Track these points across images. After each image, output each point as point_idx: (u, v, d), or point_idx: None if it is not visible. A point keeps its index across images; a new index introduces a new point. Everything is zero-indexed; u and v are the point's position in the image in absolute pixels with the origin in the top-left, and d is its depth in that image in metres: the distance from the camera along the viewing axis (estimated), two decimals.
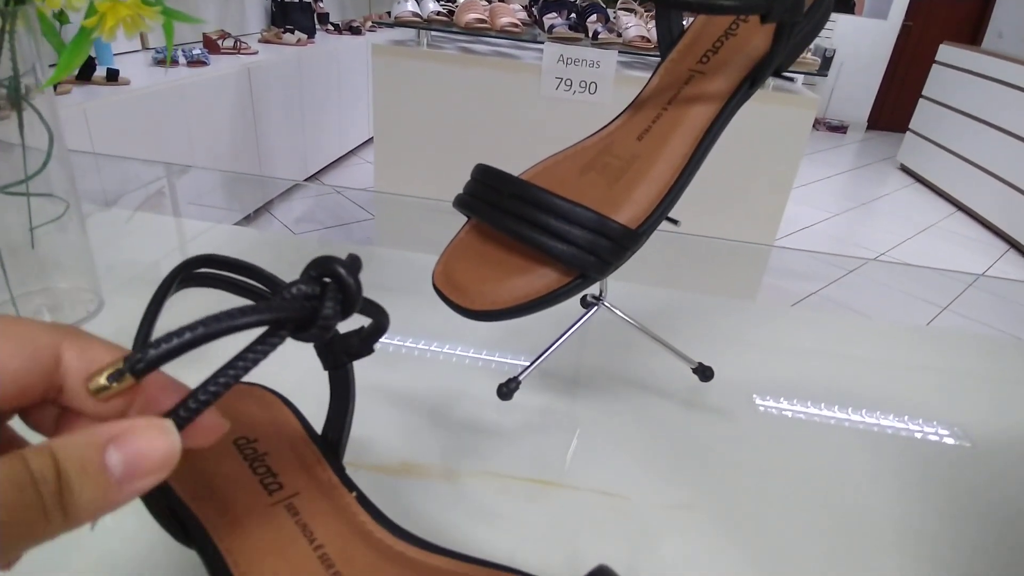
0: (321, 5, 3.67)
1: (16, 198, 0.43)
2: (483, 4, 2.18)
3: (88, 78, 1.99)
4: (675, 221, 0.39)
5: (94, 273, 0.50)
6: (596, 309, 0.45)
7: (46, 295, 0.47)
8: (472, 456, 0.40)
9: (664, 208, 0.36)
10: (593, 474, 0.39)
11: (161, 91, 2.10)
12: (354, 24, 3.66)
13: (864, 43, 4.87)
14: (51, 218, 0.45)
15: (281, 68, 2.78)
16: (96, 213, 0.69)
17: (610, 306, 0.45)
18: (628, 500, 0.38)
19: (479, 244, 0.37)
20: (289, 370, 0.31)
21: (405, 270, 0.63)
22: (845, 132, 5.10)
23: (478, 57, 2.07)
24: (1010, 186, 3.18)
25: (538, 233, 0.34)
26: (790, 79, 2.09)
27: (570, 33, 2.08)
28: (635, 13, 2.26)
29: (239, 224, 0.94)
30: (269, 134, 2.71)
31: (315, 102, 3.05)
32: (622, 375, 0.49)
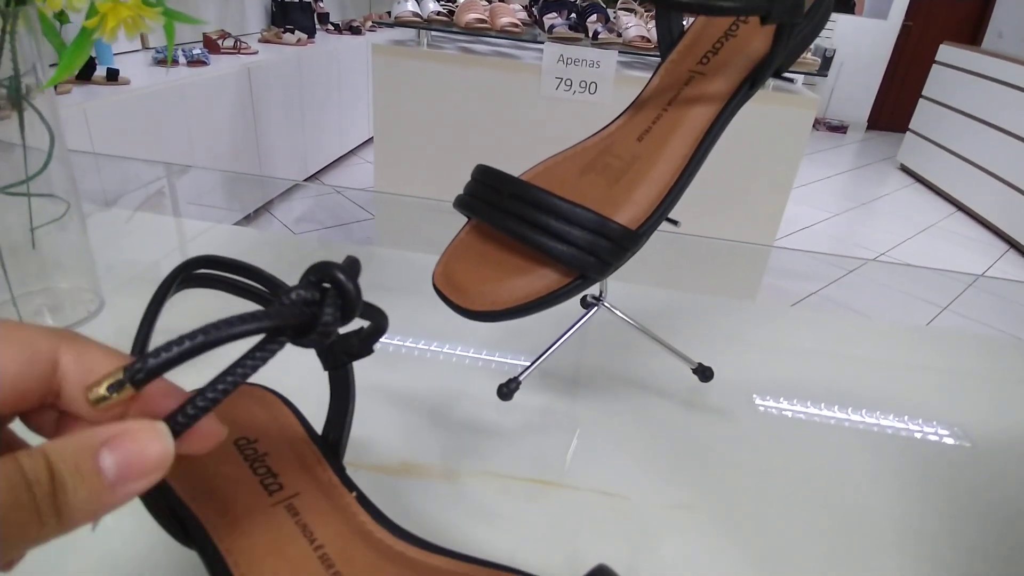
0: (321, 5, 3.67)
1: (16, 198, 0.43)
2: (483, 4, 2.18)
3: (88, 78, 1.99)
4: (675, 222, 0.39)
5: (94, 273, 0.50)
6: (596, 309, 0.45)
7: (47, 295, 0.47)
8: (472, 456, 0.40)
9: (664, 209, 0.36)
10: (593, 474, 0.39)
11: (161, 91, 2.10)
12: (354, 24, 3.66)
13: (864, 43, 4.87)
14: (52, 218, 0.45)
15: (281, 68, 2.78)
16: (96, 213, 0.69)
17: (610, 306, 0.45)
18: (628, 500, 0.38)
19: (479, 244, 0.37)
20: (289, 370, 0.31)
21: (405, 270, 0.63)
22: (845, 132, 5.10)
23: (478, 57, 2.07)
24: (1010, 186, 3.18)
25: (538, 234, 0.34)
26: (790, 80, 2.09)
27: (570, 33, 2.08)
28: (635, 13, 2.26)
29: (239, 224, 0.94)
30: (269, 134, 2.71)
31: (315, 102, 3.05)
32: (622, 375, 0.49)
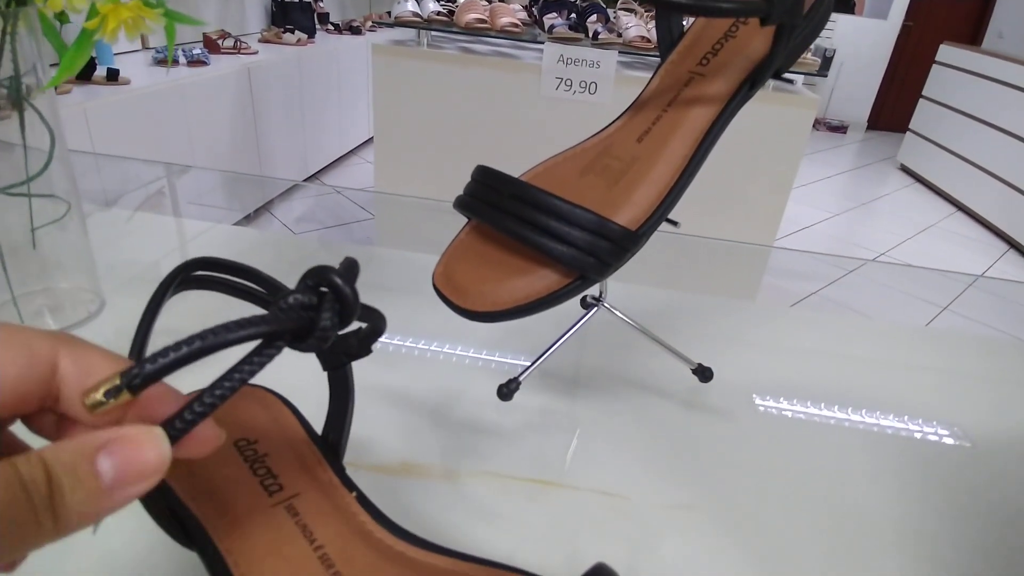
0: (321, 5, 3.67)
1: (17, 198, 0.43)
2: (483, 4, 2.18)
3: (88, 78, 1.99)
4: (675, 223, 0.39)
5: (95, 273, 0.50)
6: (596, 310, 0.45)
7: (47, 295, 0.47)
8: (472, 456, 0.40)
9: (664, 210, 0.36)
10: (593, 474, 0.39)
11: (161, 91, 2.10)
12: (354, 24, 3.66)
13: (864, 43, 4.87)
14: (52, 218, 0.45)
15: (281, 68, 2.78)
16: (96, 213, 0.69)
17: (610, 307, 0.45)
18: (628, 500, 0.38)
19: (479, 245, 0.37)
20: (289, 371, 0.31)
21: (405, 270, 0.63)
22: (845, 132, 5.10)
23: (478, 57, 2.07)
24: (1010, 186, 3.18)
25: (538, 234, 0.34)
26: (790, 81, 2.09)
27: (570, 33, 2.08)
28: (635, 13, 2.26)
29: (239, 224, 0.94)
30: (269, 134, 2.71)
31: (315, 102, 3.05)
32: (622, 375, 0.49)
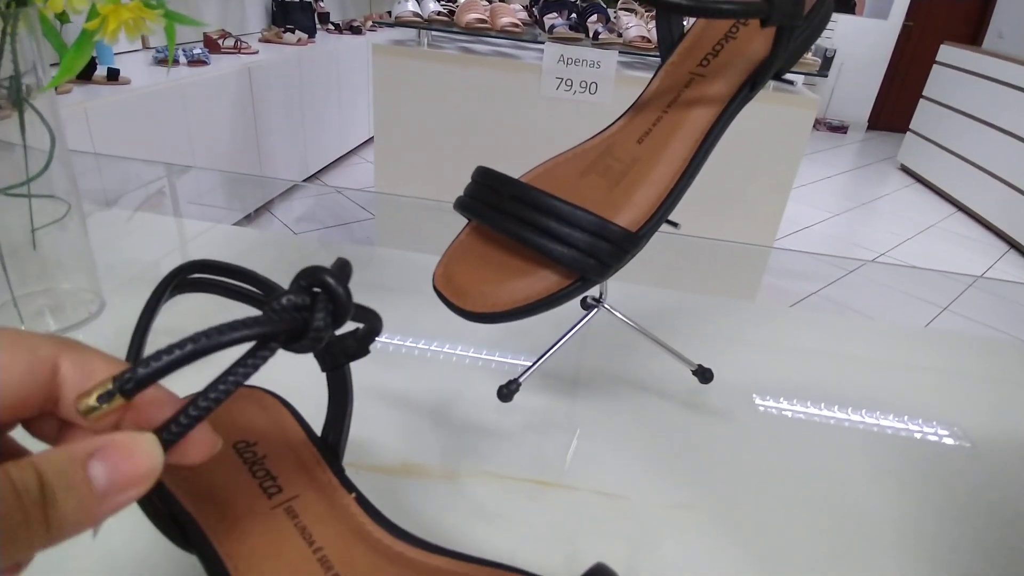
0: (322, 5, 3.67)
1: (17, 199, 0.43)
2: (484, 4, 2.18)
3: (88, 77, 1.99)
4: (675, 224, 0.39)
5: (95, 273, 0.50)
6: (596, 311, 0.45)
7: (48, 296, 0.47)
8: (472, 456, 0.40)
9: (664, 211, 0.36)
10: (593, 474, 0.39)
11: (161, 91, 2.10)
12: (355, 24, 3.66)
13: (864, 43, 4.87)
14: (52, 219, 0.45)
15: (281, 68, 2.78)
16: (96, 213, 0.69)
17: (610, 308, 0.45)
18: (628, 500, 0.38)
19: (479, 246, 0.37)
20: (287, 372, 0.31)
21: (405, 270, 0.63)
22: (845, 132, 5.10)
23: (478, 57, 2.07)
24: (1010, 186, 3.18)
25: (538, 236, 0.34)
26: (790, 82, 2.09)
27: (570, 33, 2.08)
28: (636, 13, 2.26)
29: (239, 224, 0.94)
30: (269, 134, 2.71)
31: (315, 102, 3.05)
32: (622, 376, 0.49)
